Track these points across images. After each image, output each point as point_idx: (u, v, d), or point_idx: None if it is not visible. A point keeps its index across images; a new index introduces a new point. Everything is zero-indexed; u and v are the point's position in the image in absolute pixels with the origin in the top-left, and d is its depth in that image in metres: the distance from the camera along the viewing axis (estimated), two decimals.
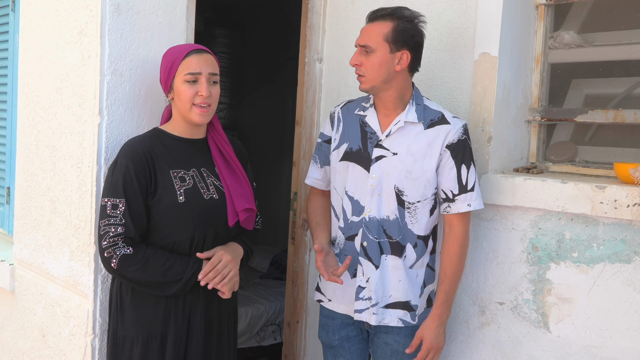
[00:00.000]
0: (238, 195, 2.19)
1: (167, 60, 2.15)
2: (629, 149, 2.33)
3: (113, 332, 2.17)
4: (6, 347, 3.07)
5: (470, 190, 2.16)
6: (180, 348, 2.14)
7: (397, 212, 2.19)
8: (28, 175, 2.84)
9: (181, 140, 2.19)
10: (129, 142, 2.15)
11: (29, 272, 2.86)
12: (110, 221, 2.03)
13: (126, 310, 2.13)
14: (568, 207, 2.12)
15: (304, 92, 3.00)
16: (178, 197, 2.09)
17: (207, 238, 2.15)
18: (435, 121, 2.18)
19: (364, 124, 2.25)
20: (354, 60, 2.16)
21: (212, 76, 2.13)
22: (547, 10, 2.46)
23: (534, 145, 2.50)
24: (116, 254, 2.02)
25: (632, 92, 2.35)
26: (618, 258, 2.05)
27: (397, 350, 2.23)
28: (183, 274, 2.07)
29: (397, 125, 2.18)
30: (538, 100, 2.48)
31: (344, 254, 2.25)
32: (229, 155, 2.23)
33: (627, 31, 2.35)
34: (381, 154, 2.19)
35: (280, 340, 4.32)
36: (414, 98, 2.21)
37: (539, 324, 2.23)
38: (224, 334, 2.26)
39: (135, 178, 2.05)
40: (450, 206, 2.18)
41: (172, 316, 2.12)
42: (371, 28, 2.15)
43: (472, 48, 2.41)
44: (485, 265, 2.36)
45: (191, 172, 2.16)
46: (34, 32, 2.77)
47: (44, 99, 2.69)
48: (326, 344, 2.37)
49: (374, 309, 2.21)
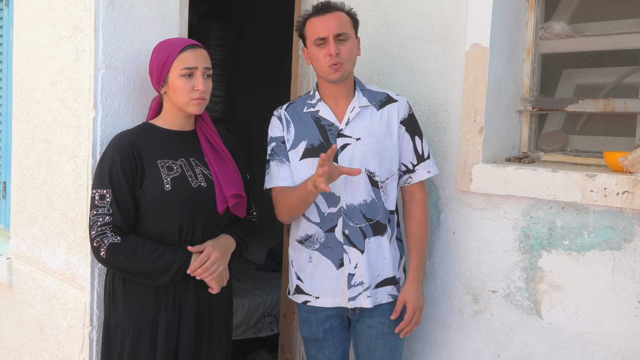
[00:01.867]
0: (226, 181, 2.21)
1: (161, 54, 2.17)
2: (619, 137, 2.35)
3: (106, 323, 2.22)
4: (4, 341, 3.09)
5: (427, 159, 2.32)
6: (172, 338, 2.16)
7: (373, 193, 2.26)
8: (24, 169, 2.85)
9: (170, 133, 2.23)
10: (116, 136, 2.20)
11: (26, 266, 2.87)
12: (99, 211, 2.08)
13: (118, 301, 2.17)
14: (559, 196, 2.14)
15: (297, 84, 3.02)
16: (165, 185, 2.12)
17: (196, 227, 2.17)
18: (384, 101, 2.31)
19: (317, 118, 2.29)
20: (334, 49, 2.18)
21: (207, 70, 2.18)
22: (537, 1, 2.47)
23: (526, 135, 2.52)
24: (104, 243, 2.05)
25: (622, 81, 2.37)
26: (608, 245, 2.08)
27: (382, 331, 2.29)
28: (172, 264, 2.09)
29: (354, 111, 2.27)
30: (529, 91, 2.50)
31: (326, 246, 2.27)
32: (218, 145, 2.27)
33: (616, 21, 2.37)
34: (345, 142, 2.25)
35: (277, 332, 4.35)
36: (357, 84, 2.33)
37: (531, 311, 2.26)
38: (215, 325, 2.28)
39: (122, 169, 2.09)
40: (411, 177, 2.31)
41: (163, 307, 2.15)
42: (335, 17, 2.21)
43: (463, 39, 2.42)
44: (478, 254, 2.39)
45: (179, 161, 2.19)
46: (28, 27, 2.78)
47: (38, 93, 2.71)
48: (309, 338, 2.38)
49: (367, 292, 2.25)
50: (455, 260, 2.46)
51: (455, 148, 2.45)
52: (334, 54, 2.18)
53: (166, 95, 2.20)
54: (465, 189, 2.39)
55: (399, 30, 2.63)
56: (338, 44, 2.19)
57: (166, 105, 2.23)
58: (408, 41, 2.61)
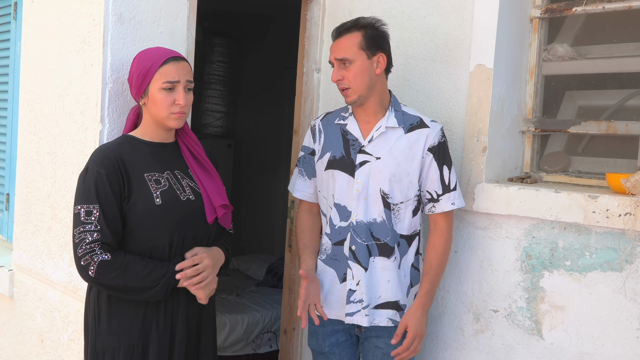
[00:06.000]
0: (214, 192, 2.18)
1: (142, 65, 2.11)
2: (621, 159, 2.37)
3: (92, 345, 2.09)
4: (4, 353, 3.08)
5: (453, 190, 2.25)
6: (164, 357, 2.09)
7: (384, 214, 2.25)
8: (28, 181, 2.86)
9: (152, 145, 2.16)
10: (99, 149, 2.12)
11: (28, 278, 2.88)
12: (85, 228, 1.97)
13: (103, 322, 2.07)
14: (561, 217, 2.16)
15: (301, 101, 3.04)
16: (155, 200, 2.05)
17: (185, 241, 2.11)
18: (414, 125, 2.26)
19: (345, 132, 2.31)
20: (336, 76, 2.21)
21: (188, 83, 2.13)
22: (541, 23, 2.51)
23: (528, 156, 2.54)
24: (94, 261, 1.95)
25: (624, 103, 2.39)
26: (610, 266, 2.09)
27: (387, 353, 2.27)
28: (163, 278, 2.02)
29: (379, 130, 2.25)
30: (532, 111, 2.53)
31: (333, 258, 2.30)
32: (201, 156, 2.23)
33: (619, 44, 2.39)
34: (365, 159, 2.25)
35: (276, 348, 4.34)
36: (393, 104, 2.30)
37: (532, 331, 2.26)
38: (203, 340, 2.22)
39: (108, 183, 2.00)
40: (435, 206, 2.26)
41: (154, 325, 2.08)
42: (342, 42, 2.21)
43: (467, 60, 2.45)
44: (480, 273, 2.40)
45: (165, 174, 2.13)
46: (36, 40, 2.81)
47: (45, 106, 2.73)
48: (316, 351, 2.39)
49: (365, 310, 2.25)
50: (456, 279, 2.47)
51: (458, 167, 2.46)
52: (334, 80, 2.22)
53: (145, 107, 2.14)
54: (468, 208, 2.40)
55: (403, 50, 2.66)
56: (342, 69, 2.20)
57: (145, 116, 2.16)
58: (412, 60, 2.63)
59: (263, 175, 5.97)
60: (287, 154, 3.31)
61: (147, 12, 2.40)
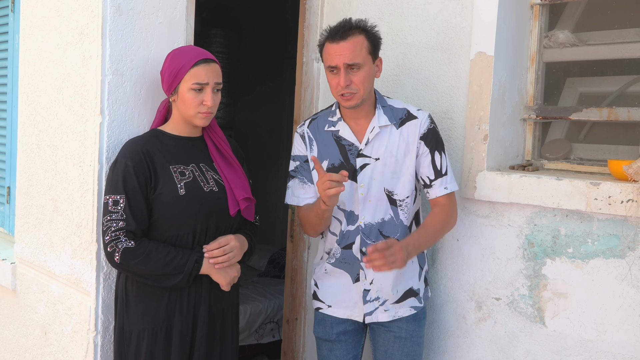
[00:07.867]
0: (237, 186, 2.27)
1: (174, 64, 2.19)
2: (622, 146, 2.36)
3: (120, 327, 2.22)
4: (8, 346, 3.09)
5: (445, 174, 2.25)
6: (186, 341, 2.19)
7: (391, 212, 2.26)
8: (29, 174, 2.86)
9: (180, 139, 2.27)
10: (128, 142, 2.23)
11: (31, 271, 2.88)
12: (112, 217, 2.11)
13: (132, 305, 2.19)
14: (563, 204, 2.15)
15: (301, 91, 3.03)
16: (179, 190, 2.16)
17: (209, 231, 2.21)
18: (403, 119, 2.27)
19: (338, 138, 2.29)
20: (345, 80, 2.14)
21: (217, 85, 2.21)
22: (541, 10, 2.49)
23: (530, 143, 2.54)
24: (118, 248, 2.08)
25: (626, 90, 2.38)
26: (612, 253, 2.09)
27: (400, 336, 2.30)
28: (185, 265, 2.12)
29: (373, 132, 2.25)
30: (533, 99, 2.52)
31: (343, 261, 2.30)
32: (226, 151, 2.32)
33: (620, 30, 2.38)
34: (365, 162, 2.25)
35: (279, 338, 4.35)
36: (379, 101, 2.29)
37: (535, 318, 2.26)
38: (226, 327, 2.32)
39: (135, 175, 2.12)
40: (429, 191, 2.27)
41: (177, 309, 2.18)
42: (350, 45, 2.13)
43: (468, 47, 2.44)
44: (482, 261, 2.40)
45: (190, 167, 2.23)
46: (35, 32, 2.79)
47: (45, 99, 2.72)
48: (322, 338, 2.40)
49: (383, 306, 2.27)
50: (458, 268, 2.47)
51: (460, 155, 2.46)
52: (344, 85, 2.14)
53: (175, 103, 2.24)
54: (469, 196, 2.40)
55: (403, 38, 2.65)
56: (350, 73, 2.14)
57: (174, 112, 2.27)
58: (412, 49, 2.62)
59: (264, 165, 5.96)
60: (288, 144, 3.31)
61: (145, 2, 2.39)
